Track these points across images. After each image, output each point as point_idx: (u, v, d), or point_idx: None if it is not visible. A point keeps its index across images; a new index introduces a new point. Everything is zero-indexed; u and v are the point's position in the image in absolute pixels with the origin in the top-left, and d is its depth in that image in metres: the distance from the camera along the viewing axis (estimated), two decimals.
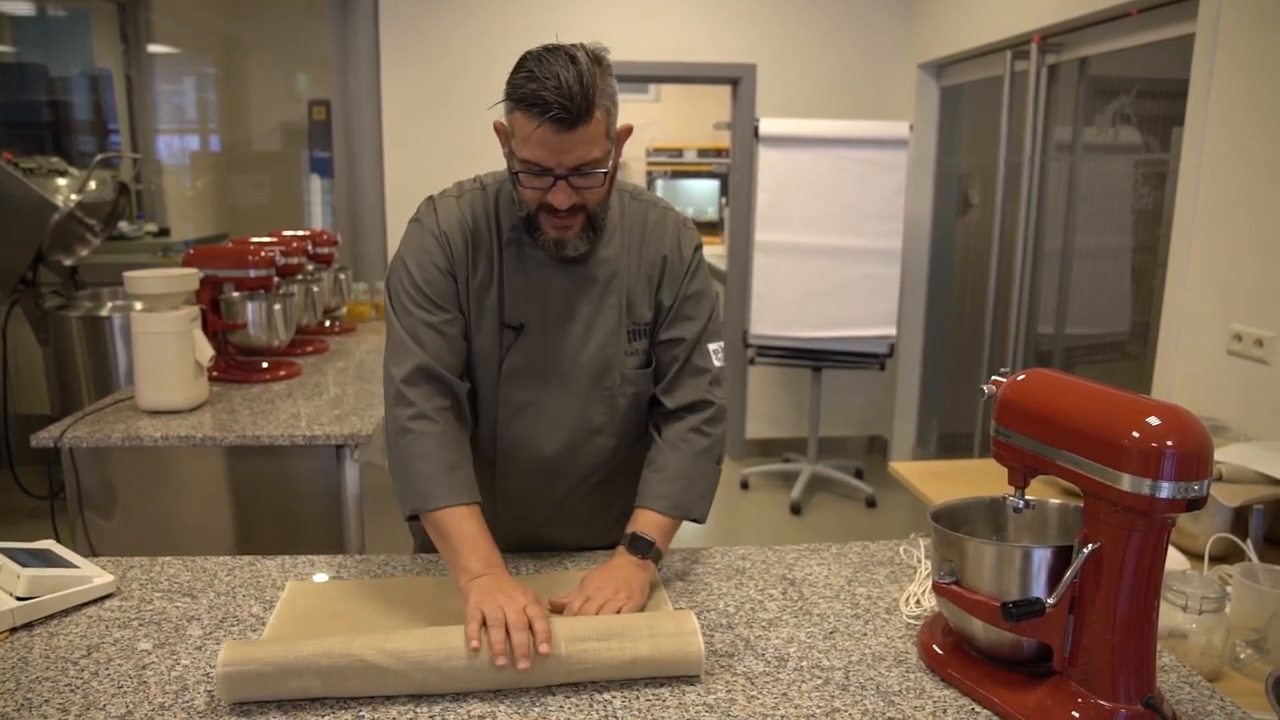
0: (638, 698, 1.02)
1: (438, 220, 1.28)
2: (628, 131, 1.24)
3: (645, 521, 1.28)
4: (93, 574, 1.24)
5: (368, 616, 1.18)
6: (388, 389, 1.26)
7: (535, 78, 1.10)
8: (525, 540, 1.40)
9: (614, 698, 1.02)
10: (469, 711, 0.99)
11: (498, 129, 1.22)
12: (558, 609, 1.15)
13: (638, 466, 1.45)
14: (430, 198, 1.32)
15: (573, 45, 1.14)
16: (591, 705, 1.00)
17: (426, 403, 1.23)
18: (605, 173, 1.19)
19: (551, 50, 1.13)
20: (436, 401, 1.24)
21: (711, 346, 1.36)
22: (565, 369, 1.31)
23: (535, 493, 1.38)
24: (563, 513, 1.40)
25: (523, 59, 1.14)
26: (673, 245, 1.34)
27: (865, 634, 1.17)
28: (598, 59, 1.15)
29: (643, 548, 1.25)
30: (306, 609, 1.20)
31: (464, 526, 1.18)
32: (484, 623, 1.03)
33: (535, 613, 1.04)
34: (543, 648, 1.01)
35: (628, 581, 1.19)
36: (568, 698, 1.01)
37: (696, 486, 1.32)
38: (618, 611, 1.12)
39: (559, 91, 1.09)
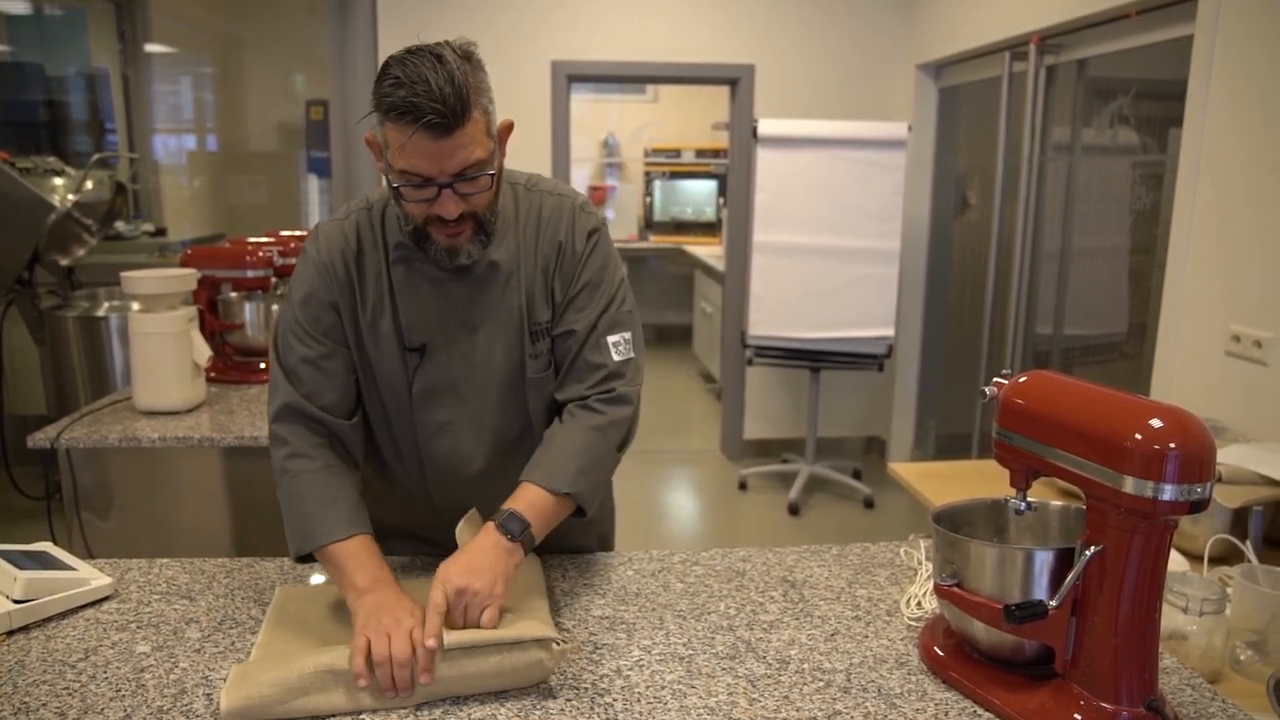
0: (639, 700, 1.01)
1: (319, 249, 1.24)
2: (509, 128, 1.18)
3: (519, 496, 1.17)
4: (90, 576, 1.23)
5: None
6: (269, 429, 1.24)
7: (402, 83, 1.03)
8: None
9: (615, 700, 1.01)
10: (470, 714, 0.99)
11: (370, 143, 1.14)
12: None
13: None
14: (317, 225, 1.28)
15: (437, 44, 1.08)
16: (594, 708, 1.00)
17: (299, 441, 1.21)
18: (492, 174, 1.13)
19: (415, 52, 1.06)
20: (310, 439, 1.21)
21: (611, 339, 1.26)
22: (476, 382, 1.27)
23: (474, 507, 1.36)
24: None
25: (385, 64, 1.07)
26: (567, 232, 1.26)
27: (866, 636, 1.17)
28: (466, 55, 1.09)
29: (514, 528, 1.12)
30: (299, 615, 1.18)
31: (346, 547, 1.13)
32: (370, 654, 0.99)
33: (419, 636, 1.00)
34: (423, 678, 0.98)
35: (492, 570, 1.07)
36: (569, 700, 1.01)
37: (576, 460, 1.20)
38: (482, 613, 1.04)
39: (430, 95, 1.02)
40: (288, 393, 1.22)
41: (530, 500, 1.17)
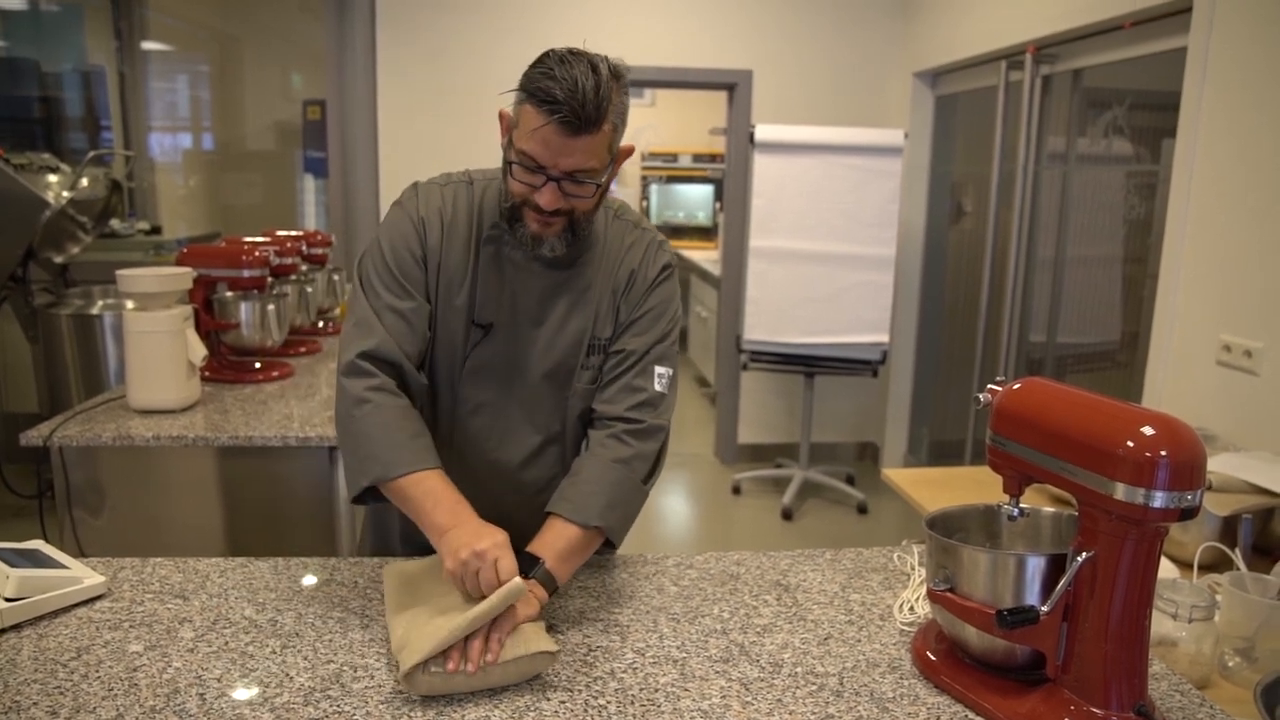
0: (632, 703, 1.02)
1: (418, 205, 1.28)
2: (628, 152, 1.24)
3: (545, 533, 1.20)
4: (83, 575, 1.23)
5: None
6: (343, 360, 1.23)
7: (553, 76, 1.10)
8: None
9: (609, 703, 1.02)
10: (464, 715, 0.99)
11: (502, 117, 1.21)
12: None
13: None
14: (415, 183, 1.32)
15: (596, 54, 1.14)
16: (586, 710, 1.00)
17: (384, 378, 1.22)
18: (598, 185, 1.19)
19: (576, 53, 1.13)
20: (392, 381, 1.23)
21: (658, 370, 1.31)
22: (527, 372, 1.31)
23: (486, 502, 1.34)
24: (514, 523, 1.36)
25: (545, 55, 1.14)
26: (641, 262, 1.33)
27: (859, 640, 1.17)
28: (617, 74, 1.15)
29: (527, 565, 1.14)
30: (413, 587, 1.17)
31: (426, 483, 1.16)
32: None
33: (505, 566, 1.06)
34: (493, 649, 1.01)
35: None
36: (563, 703, 1.01)
37: (605, 494, 1.23)
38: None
39: (573, 95, 1.09)
40: (383, 334, 1.23)
41: (554, 535, 1.20)
